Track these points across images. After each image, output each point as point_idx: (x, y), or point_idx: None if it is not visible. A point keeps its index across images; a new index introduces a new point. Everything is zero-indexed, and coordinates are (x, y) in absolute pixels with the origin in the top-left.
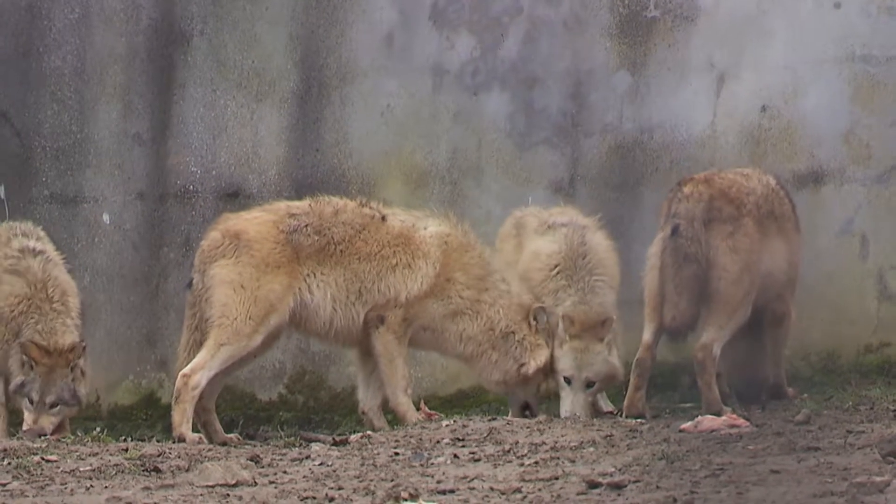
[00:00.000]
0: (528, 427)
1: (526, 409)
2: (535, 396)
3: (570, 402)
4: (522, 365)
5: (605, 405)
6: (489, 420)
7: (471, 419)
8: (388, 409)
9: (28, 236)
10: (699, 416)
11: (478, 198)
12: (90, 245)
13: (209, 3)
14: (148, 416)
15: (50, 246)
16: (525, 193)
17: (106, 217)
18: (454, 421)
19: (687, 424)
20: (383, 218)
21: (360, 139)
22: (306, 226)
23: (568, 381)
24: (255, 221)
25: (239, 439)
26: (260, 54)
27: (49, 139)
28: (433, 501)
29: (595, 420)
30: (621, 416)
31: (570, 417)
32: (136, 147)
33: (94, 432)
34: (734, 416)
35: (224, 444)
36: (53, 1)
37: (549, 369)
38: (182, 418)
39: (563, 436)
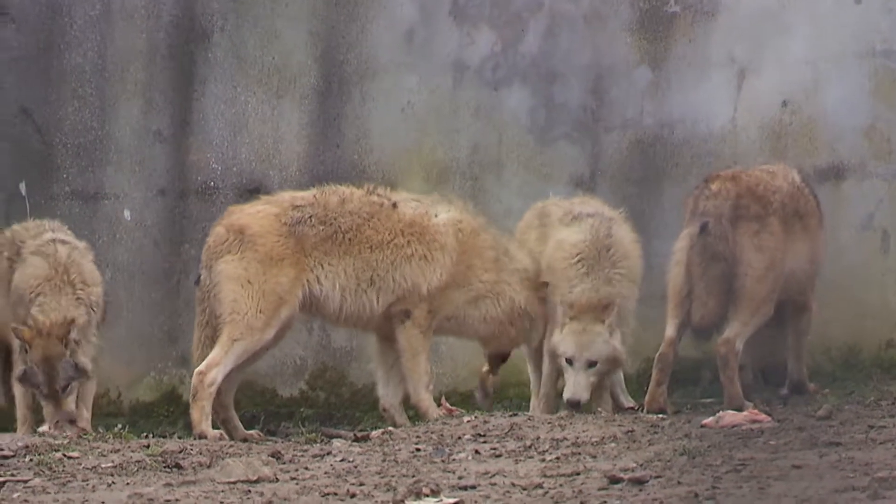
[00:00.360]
0: (549, 423)
1: (502, 361)
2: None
3: (573, 382)
4: (531, 337)
5: (626, 401)
6: (510, 416)
7: (492, 415)
8: (409, 406)
9: (56, 231)
10: (721, 412)
11: (498, 193)
12: (111, 241)
13: None
14: (169, 412)
15: (80, 243)
16: (546, 188)
17: (127, 213)
18: (475, 417)
19: (708, 420)
20: (394, 205)
21: (381, 135)
22: (311, 217)
23: (570, 362)
24: (258, 215)
25: (260, 435)
26: (280, 50)
27: (70, 136)
28: (454, 497)
29: (616, 415)
30: (642, 411)
31: (572, 399)
32: (157, 144)
33: (116, 429)
34: (756, 411)
35: (244, 440)
36: None
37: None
38: (201, 416)
39: (584, 431)
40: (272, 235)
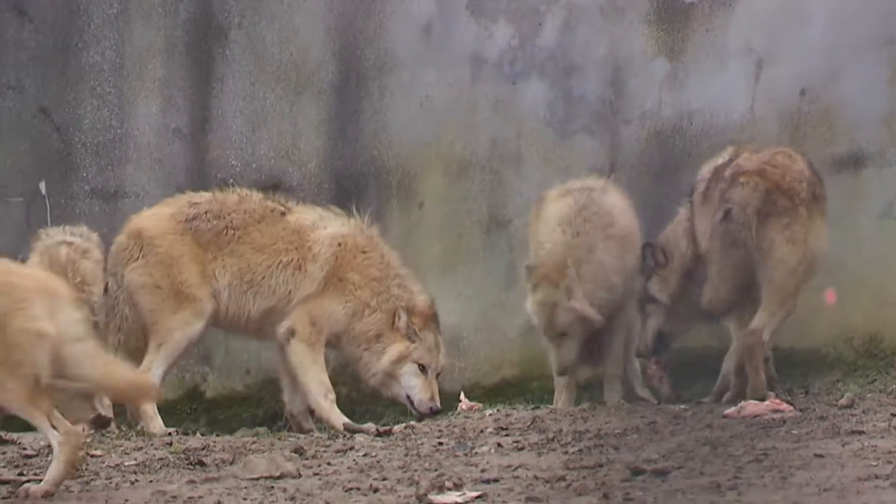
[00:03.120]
0: (571, 415)
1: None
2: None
3: (553, 357)
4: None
5: (642, 392)
6: (533, 409)
7: (514, 408)
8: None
9: (75, 235)
10: (742, 402)
11: (518, 186)
12: None
13: None
14: (192, 410)
15: (94, 244)
16: (565, 181)
17: None
18: (498, 410)
19: (730, 410)
20: (283, 213)
21: (400, 130)
22: (206, 212)
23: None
24: (153, 217)
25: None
26: (298, 46)
27: (89, 134)
28: (477, 491)
29: (638, 407)
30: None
31: (556, 372)
32: (176, 141)
33: (139, 427)
34: (778, 400)
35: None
36: None
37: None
38: (148, 418)
39: (606, 423)
40: (168, 235)
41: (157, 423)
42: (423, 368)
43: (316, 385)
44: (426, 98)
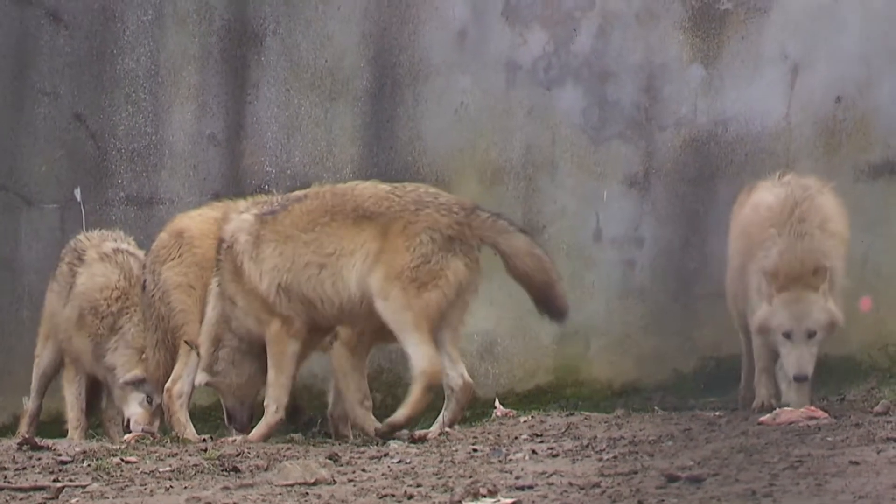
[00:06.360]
0: (606, 422)
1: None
2: None
3: (796, 357)
4: None
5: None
6: (567, 415)
7: (548, 415)
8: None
9: (118, 241)
10: (778, 409)
11: (553, 193)
12: None
13: (281, 2)
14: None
15: (140, 253)
16: (600, 188)
17: None
18: (532, 417)
19: (765, 417)
20: None
21: (434, 136)
22: None
23: (787, 335)
24: (198, 218)
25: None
26: (333, 53)
27: (124, 141)
28: (512, 497)
29: (673, 414)
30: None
31: (800, 376)
32: (211, 148)
33: (173, 433)
34: (813, 408)
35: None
36: (126, 3)
37: None
38: (181, 426)
39: (641, 430)
40: (209, 238)
41: (190, 430)
42: None
43: (353, 391)
44: (461, 105)
